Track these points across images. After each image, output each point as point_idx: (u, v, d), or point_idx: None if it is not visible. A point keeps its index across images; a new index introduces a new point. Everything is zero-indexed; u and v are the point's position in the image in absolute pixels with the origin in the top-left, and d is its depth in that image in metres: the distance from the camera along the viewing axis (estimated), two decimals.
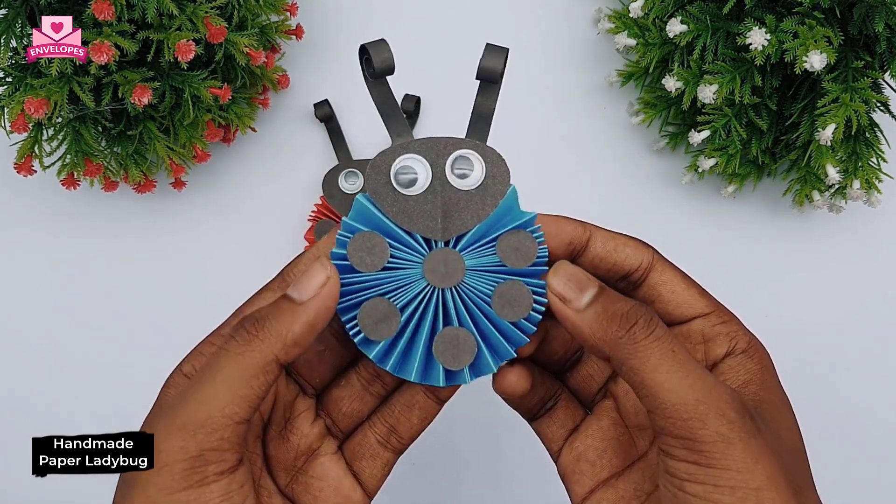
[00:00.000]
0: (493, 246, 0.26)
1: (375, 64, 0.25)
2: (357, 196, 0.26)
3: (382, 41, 0.25)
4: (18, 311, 0.50)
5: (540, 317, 0.26)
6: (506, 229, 0.25)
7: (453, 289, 0.26)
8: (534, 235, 0.26)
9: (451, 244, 0.26)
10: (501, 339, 0.25)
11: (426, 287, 0.25)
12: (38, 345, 0.50)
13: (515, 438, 0.49)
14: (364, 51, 0.25)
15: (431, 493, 0.49)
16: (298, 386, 0.28)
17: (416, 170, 0.25)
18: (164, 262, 0.50)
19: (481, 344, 0.26)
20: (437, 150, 0.25)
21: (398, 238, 0.25)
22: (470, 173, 0.26)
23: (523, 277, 0.26)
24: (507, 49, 0.26)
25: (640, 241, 0.27)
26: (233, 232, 0.50)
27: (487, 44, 0.25)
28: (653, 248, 0.27)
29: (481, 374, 0.26)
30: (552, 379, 0.30)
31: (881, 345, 0.50)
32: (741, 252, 0.50)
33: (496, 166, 0.26)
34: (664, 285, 0.26)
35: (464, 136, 0.26)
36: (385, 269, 0.25)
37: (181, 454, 0.21)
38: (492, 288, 0.25)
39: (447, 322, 0.26)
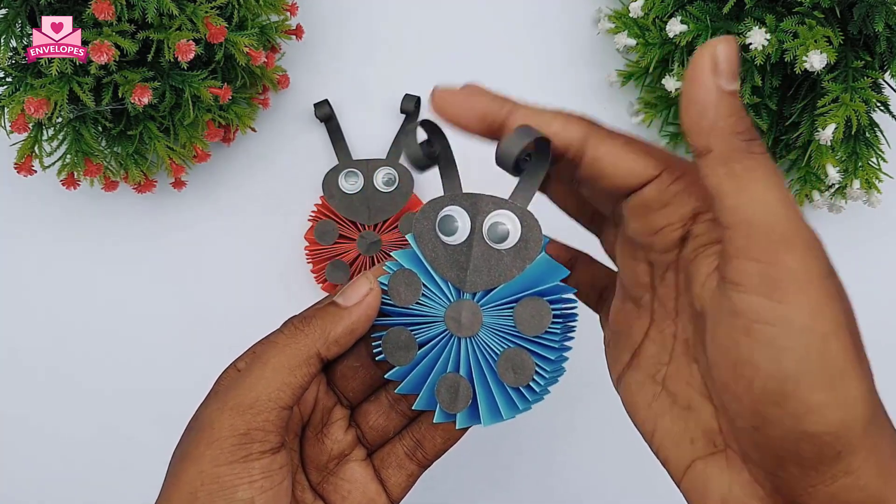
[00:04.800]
0: (512, 308, 0.26)
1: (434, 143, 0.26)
2: (408, 235, 0.27)
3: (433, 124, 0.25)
4: (18, 310, 0.50)
5: (539, 391, 0.26)
6: (526, 293, 0.26)
7: (468, 339, 0.27)
8: (551, 307, 0.25)
9: (475, 297, 0.26)
10: (499, 400, 0.26)
11: (445, 331, 0.27)
12: (37, 345, 0.50)
13: (515, 438, 0.49)
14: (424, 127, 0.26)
15: (432, 493, 0.49)
16: (336, 396, 0.30)
17: (457, 220, 0.26)
18: (164, 261, 0.50)
19: (479, 398, 0.27)
20: (478, 206, 0.26)
21: (433, 280, 0.27)
22: (505, 234, 0.25)
23: (533, 345, 0.26)
24: (535, 135, 0.23)
25: (572, 115, 0.24)
26: (233, 232, 0.50)
27: (517, 127, 0.23)
28: (588, 121, 0.24)
29: (473, 423, 0.27)
30: (608, 269, 0.30)
31: (881, 345, 0.50)
32: None
33: (531, 231, 0.25)
34: (603, 159, 0.23)
35: (507, 197, 0.26)
36: (418, 304, 0.27)
37: (231, 431, 0.24)
38: (502, 348, 0.26)
39: (455, 368, 0.27)
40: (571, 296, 0.26)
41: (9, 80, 0.39)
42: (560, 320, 0.26)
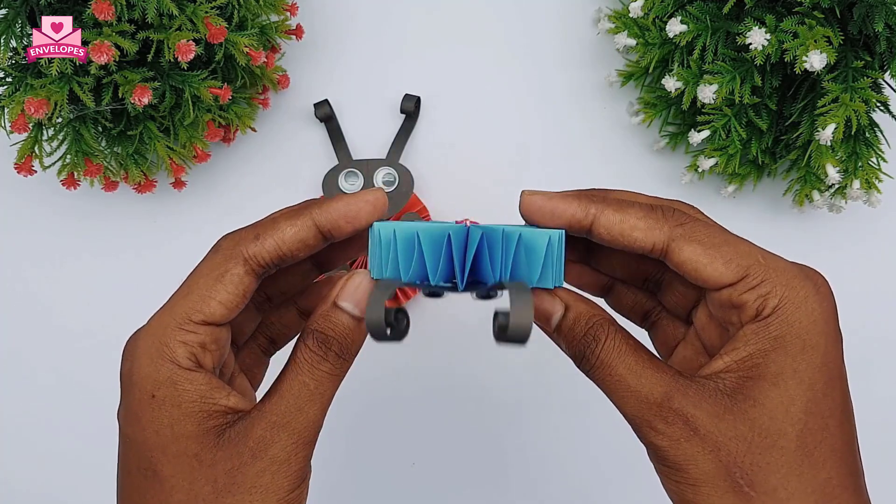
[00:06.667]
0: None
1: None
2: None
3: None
4: (18, 311, 0.50)
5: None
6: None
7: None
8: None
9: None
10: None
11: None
12: (37, 345, 0.50)
13: (516, 438, 0.49)
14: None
15: (431, 493, 0.49)
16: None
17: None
18: (164, 261, 0.50)
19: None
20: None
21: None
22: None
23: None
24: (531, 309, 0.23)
25: (657, 214, 0.26)
26: None
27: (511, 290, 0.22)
28: (673, 220, 0.26)
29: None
30: (647, 295, 0.31)
31: (881, 345, 0.50)
32: None
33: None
34: (685, 265, 0.25)
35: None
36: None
37: (304, 462, 0.25)
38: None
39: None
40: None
41: (9, 80, 0.39)
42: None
